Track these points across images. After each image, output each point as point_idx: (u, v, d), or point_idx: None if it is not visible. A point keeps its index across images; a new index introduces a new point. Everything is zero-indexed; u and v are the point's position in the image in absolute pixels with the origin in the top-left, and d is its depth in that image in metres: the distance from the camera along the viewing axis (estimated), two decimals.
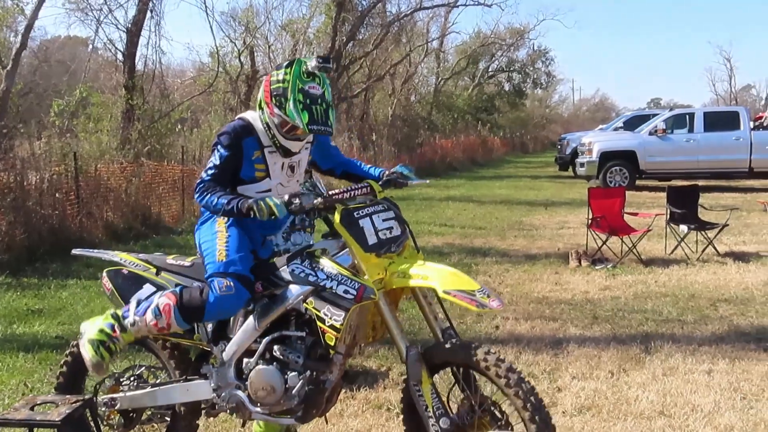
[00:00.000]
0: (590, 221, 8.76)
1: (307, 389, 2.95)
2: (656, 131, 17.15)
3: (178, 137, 15.02)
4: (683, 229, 8.72)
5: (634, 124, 20.12)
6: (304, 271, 2.93)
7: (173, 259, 3.35)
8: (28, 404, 3.19)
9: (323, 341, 2.88)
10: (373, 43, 24.26)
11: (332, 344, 2.87)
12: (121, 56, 15.24)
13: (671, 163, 16.96)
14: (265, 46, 23.55)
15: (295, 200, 2.85)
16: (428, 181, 4.01)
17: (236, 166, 3.07)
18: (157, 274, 3.29)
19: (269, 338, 3.00)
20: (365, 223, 2.94)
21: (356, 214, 2.96)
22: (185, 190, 12.04)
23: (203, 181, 3.04)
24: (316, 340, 2.94)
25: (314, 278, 2.90)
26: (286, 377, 2.97)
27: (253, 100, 17.89)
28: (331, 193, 3.00)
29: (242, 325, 3.07)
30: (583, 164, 17.96)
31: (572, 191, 17.39)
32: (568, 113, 66.09)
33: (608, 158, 17.31)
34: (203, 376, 3.19)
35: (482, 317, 6.05)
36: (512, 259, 8.83)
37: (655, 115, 19.94)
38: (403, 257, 3.01)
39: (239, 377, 3.08)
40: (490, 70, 40.56)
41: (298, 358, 2.96)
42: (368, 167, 3.47)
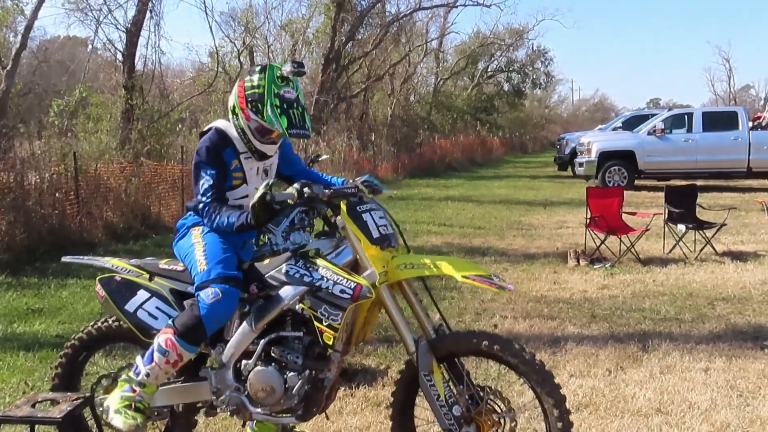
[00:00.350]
0: (589, 221, 8.78)
1: (306, 388, 2.97)
2: (655, 131, 17.18)
3: (177, 137, 15.03)
4: (681, 228, 8.74)
5: (632, 124, 20.16)
6: (298, 271, 2.95)
7: (166, 263, 3.34)
8: (29, 402, 3.21)
9: (321, 341, 2.91)
10: (372, 43, 24.29)
11: (330, 343, 2.90)
12: (120, 56, 15.27)
13: (670, 163, 16.99)
14: (264, 46, 23.61)
15: (306, 189, 2.90)
16: (395, 192, 4.07)
17: (224, 178, 3.09)
18: (150, 279, 3.28)
19: (266, 339, 3.02)
20: (367, 217, 2.99)
21: (358, 208, 3.00)
22: (185, 189, 12.06)
23: (206, 204, 3.04)
24: (313, 339, 2.96)
25: (309, 278, 2.92)
26: (285, 377, 2.98)
27: None
28: (333, 187, 3.04)
29: (239, 327, 3.08)
30: (581, 164, 17.99)
31: (571, 191, 17.42)
32: (567, 113, 66.16)
33: (607, 158, 17.34)
34: (201, 378, 3.19)
35: (481, 315, 6.08)
36: (511, 258, 8.85)
37: (653, 115, 19.95)
38: (401, 253, 3.06)
39: (238, 379, 3.08)
40: (489, 70, 40.57)
41: (296, 358, 2.98)
42: (330, 177, 3.52)
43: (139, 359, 3.09)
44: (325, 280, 2.89)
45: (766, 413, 3.98)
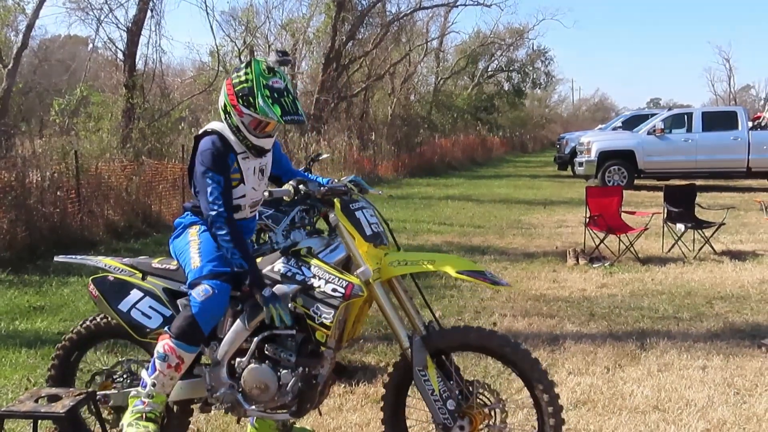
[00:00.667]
0: (588, 220, 8.81)
1: (300, 385, 3.00)
2: (655, 131, 17.19)
3: (178, 136, 15.06)
4: (680, 227, 8.77)
5: (632, 123, 20.16)
6: (291, 270, 2.98)
7: (159, 262, 3.35)
8: (32, 397, 3.23)
9: (314, 338, 2.95)
10: (372, 42, 24.29)
11: (323, 341, 2.95)
12: (121, 55, 15.29)
13: (669, 162, 17.01)
14: (265, 45, 23.59)
15: (301, 186, 2.94)
16: (382, 192, 4.11)
17: (229, 183, 3.10)
18: (143, 278, 3.30)
19: (260, 337, 3.04)
20: (360, 215, 3.03)
21: (352, 206, 3.05)
22: (185, 188, 12.08)
23: (220, 215, 2.99)
24: (306, 336, 2.99)
25: (301, 277, 2.96)
26: (278, 375, 3.02)
27: None
28: (327, 186, 3.09)
29: (232, 325, 3.11)
30: (581, 164, 18.01)
31: (571, 190, 17.44)
32: (567, 113, 66.12)
33: (607, 158, 17.35)
34: (196, 376, 3.21)
35: (480, 313, 6.10)
36: (510, 257, 8.88)
37: (653, 115, 19.96)
38: (392, 251, 3.10)
39: (232, 376, 3.11)
40: (489, 69, 40.52)
41: (289, 355, 3.01)
42: (316, 177, 3.54)
43: (144, 373, 3.11)
44: (317, 278, 2.93)
45: (762, 410, 4.02)
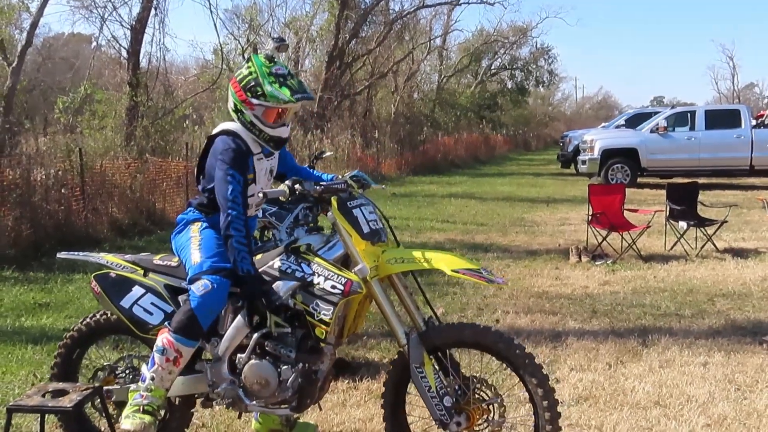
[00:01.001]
0: (590, 217, 8.83)
1: (300, 381, 3.03)
2: (658, 129, 17.17)
3: (181, 134, 15.10)
4: (683, 225, 8.79)
5: (636, 121, 20.12)
6: (290, 267, 3.01)
7: (160, 259, 3.38)
8: (40, 391, 3.25)
9: (313, 334, 2.98)
10: (376, 40, 24.29)
11: (322, 337, 2.98)
12: (125, 53, 15.31)
13: (672, 160, 16.99)
14: (268, 43, 23.60)
15: (297, 186, 2.97)
16: (384, 186, 4.14)
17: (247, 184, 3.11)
18: (144, 275, 3.33)
19: (260, 333, 3.07)
20: (357, 213, 3.06)
21: (349, 204, 3.07)
22: (189, 186, 12.12)
23: (239, 216, 2.98)
24: (305, 332, 3.02)
25: (301, 274, 2.99)
26: (279, 370, 3.05)
27: None
28: (324, 184, 3.11)
29: (233, 321, 3.14)
30: (584, 162, 17.99)
31: (574, 188, 17.44)
32: (570, 111, 65.97)
33: (610, 156, 17.33)
34: (198, 371, 3.25)
35: (483, 311, 6.13)
36: (513, 254, 8.91)
37: (657, 113, 19.92)
38: (390, 248, 3.13)
39: (233, 372, 3.14)
40: (492, 67, 40.46)
41: (289, 351, 3.04)
42: (320, 173, 3.58)
43: (144, 367, 3.14)
44: (316, 275, 2.96)
45: (762, 406, 4.04)
